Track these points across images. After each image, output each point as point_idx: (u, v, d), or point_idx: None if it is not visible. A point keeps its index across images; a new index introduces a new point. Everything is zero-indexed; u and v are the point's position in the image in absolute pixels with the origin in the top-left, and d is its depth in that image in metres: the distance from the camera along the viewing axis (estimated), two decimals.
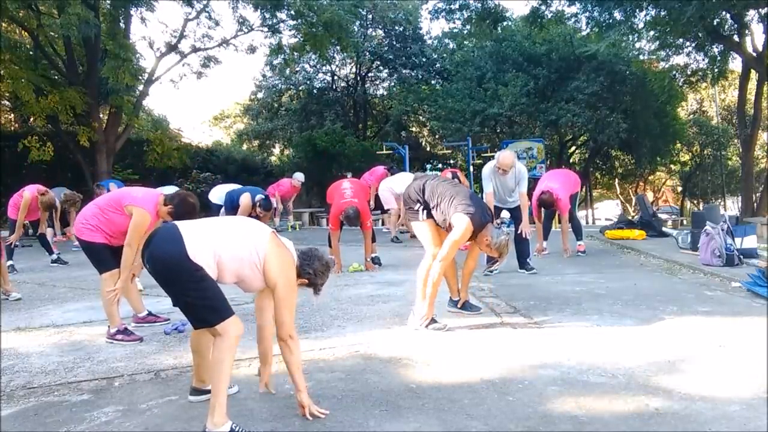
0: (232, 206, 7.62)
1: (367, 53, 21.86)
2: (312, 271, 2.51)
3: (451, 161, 21.72)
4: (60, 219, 8.78)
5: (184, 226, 2.37)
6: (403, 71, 21.77)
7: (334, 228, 6.53)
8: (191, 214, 3.72)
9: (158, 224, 3.78)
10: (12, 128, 15.96)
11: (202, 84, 30.11)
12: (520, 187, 5.89)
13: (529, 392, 2.67)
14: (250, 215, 7.50)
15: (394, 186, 8.51)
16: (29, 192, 6.97)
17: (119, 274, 3.78)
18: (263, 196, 7.80)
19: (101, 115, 14.21)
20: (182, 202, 3.80)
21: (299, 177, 11.67)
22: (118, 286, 3.75)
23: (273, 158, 24.23)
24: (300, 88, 22.81)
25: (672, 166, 25.33)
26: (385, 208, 9.25)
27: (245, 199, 7.56)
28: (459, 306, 4.30)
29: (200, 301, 2.30)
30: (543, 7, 15.82)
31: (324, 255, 2.61)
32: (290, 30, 15.61)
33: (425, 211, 3.97)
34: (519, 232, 5.95)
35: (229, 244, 2.36)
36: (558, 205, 7.05)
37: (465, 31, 18.92)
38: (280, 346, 2.43)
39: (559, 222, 7.73)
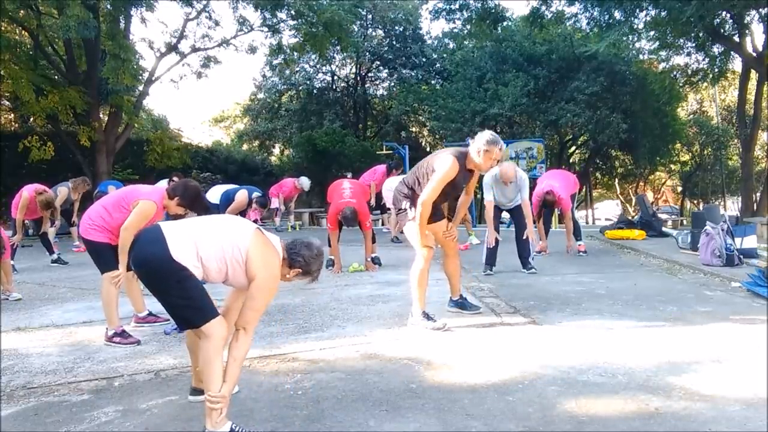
0: (227, 203, 7.59)
1: (367, 53, 21.86)
2: (302, 259, 2.44)
3: None
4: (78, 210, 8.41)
5: (167, 227, 2.36)
6: (403, 71, 21.76)
7: (333, 227, 6.53)
8: (198, 197, 3.75)
9: (162, 217, 3.80)
10: (12, 128, 15.97)
11: (202, 84, 30.19)
12: (522, 194, 6.01)
13: (529, 392, 2.67)
14: (244, 213, 7.52)
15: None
16: (27, 192, 7.00)
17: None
18: (260, 194, 7.80)
19: (101, 115, 14.22)
20: (186, 189, 3.78)
21: (305, 184, 11.64)
22: (120, 270, 3.74)
23: (273, 158, 24.23)
24: (300, 88, 22.79)
25: (672, 166, 25.33)
26: (387, 206, 9.22)
27: (241, 196, 7.55)
28: (455, 300, 4.30)
29: (183, 301, 2.29)
30: (543, 7, 15.80)
31: (313, 242, 2.53)
32: (290, 30, 15.63)
33: (414, 209, 3.97)
34: (524, 237, 6.00)
35: (211, 241, 2.34)
36: (560, 203, 7.08)
37: (465, 31, 18.89)
38: (234, 334, 2.34)
39: (560, 222, 7.74)
